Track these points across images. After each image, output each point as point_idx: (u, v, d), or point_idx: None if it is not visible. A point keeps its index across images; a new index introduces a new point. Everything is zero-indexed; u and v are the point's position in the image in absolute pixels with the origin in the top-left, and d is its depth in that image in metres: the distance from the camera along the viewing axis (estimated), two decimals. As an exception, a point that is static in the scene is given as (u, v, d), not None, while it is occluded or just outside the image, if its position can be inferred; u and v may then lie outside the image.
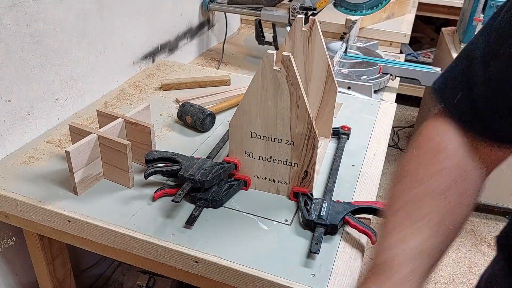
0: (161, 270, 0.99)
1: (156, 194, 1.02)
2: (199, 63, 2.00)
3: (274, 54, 0.90)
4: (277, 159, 1.02)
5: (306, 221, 0.95)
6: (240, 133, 1.02)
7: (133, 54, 1.62)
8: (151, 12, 1.65)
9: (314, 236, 0.92)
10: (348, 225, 0.95)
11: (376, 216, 1.01)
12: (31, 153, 1.17)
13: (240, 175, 1.07)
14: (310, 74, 1.20)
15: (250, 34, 2.37)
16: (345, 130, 1.29)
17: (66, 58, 1.30)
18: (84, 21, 1.34)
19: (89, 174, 1.05)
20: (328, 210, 0.96)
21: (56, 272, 1.27)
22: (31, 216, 1.02)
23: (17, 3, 1.11)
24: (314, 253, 0.88)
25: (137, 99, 1.46)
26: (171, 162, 1.06)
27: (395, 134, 3.15)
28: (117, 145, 1.02)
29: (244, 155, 1.05)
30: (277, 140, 1.00)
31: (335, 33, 2.24)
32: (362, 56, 1.93)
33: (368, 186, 1.11)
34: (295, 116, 0.95)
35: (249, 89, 0.96)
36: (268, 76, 0.92)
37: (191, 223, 0.95)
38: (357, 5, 2.01)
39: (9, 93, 1.14)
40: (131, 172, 1.05)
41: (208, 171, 1.01)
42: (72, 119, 1.33)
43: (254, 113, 0.98)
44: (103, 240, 0.97)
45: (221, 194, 1.01)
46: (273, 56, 0.90)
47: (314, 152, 0.98)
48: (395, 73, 1.80)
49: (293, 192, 1.04)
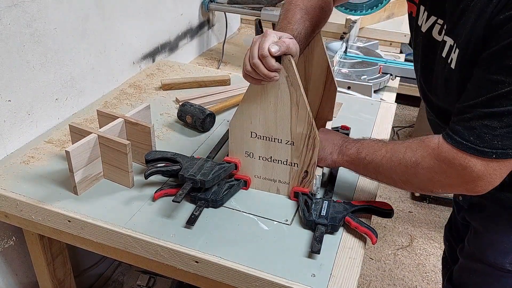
0: (161, 270, 0.99)
1: (156, 194, 1.02)
2: (199, 63, 2.00)
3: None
4: (277, 159, 1.02)
5: (307, 221, 0.95)
6: (240, 133, 1.02)
7: (133, 54, 1.61)
8: (151, 12, 1.65)
9: (315, 236, 0.92)
10: (348, 225, 0.95)
11: (377, 216, 1.01)
12: (31, 153, 1.17)
13: (240, 175, 1.07)
14: (310, 74, 1.20)
15: (250, 34, 2.37)
16: (345, 130, 1.29)
17: (66, 58, 1.30)
18: (84, 21, 1.34)
19: (89, 174, 1.05)
20: (328, 210, 0.96)
21: (56, 272, 1.27)
22: (31, 216, 1.02)
23: (17, 3, 1.11)
24: (315, 253, 0.88)
25: (137, 99, 1.46)
26: (171, 162, 1.06)
27: (395, 134, 3.15)
28: (117, 145, 1.01)
29: (244, 155, 1.05)
30: (277, 140, 1.00)
31: (335, 33, 2.24)
32: (362, 56, 1.93)
33: (368, 186, 1.11)
34: (295, 116, 0.95)
35: (249, 89, 0.96)
36: None
37: (192, 223, 0.95)
38: (357, 5, 2.01)
39: (9, 93, 1.14)
40: (131, 172, 1.05)
41: (208, 171, 1.01)
42: (72, 119, 1.33)
43: (254, 113, 0.98)
44: (103, 240, 0.97)
45: (221, 194, 1.01)
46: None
47: (314, 152, 0.98)
48: (395, 73, 1.80)
49: (293, 192, 1.04)
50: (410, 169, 0.86)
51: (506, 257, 0.96)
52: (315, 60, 1.17)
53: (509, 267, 0.96)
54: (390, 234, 2.33)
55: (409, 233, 2.34)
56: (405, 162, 0.87)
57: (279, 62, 0.88)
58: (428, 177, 0.85)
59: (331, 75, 1.18)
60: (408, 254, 2.21)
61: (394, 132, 3.17)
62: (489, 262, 0.98)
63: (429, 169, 0.84)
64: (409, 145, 0.88)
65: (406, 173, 0.88)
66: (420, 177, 0.86)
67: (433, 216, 2.47)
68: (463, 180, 0.80)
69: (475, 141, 0.76)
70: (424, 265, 2.15)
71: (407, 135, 3.16)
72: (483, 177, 0.78)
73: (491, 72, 0.73)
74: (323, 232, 0.93)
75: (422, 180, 0.86)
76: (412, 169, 0.86)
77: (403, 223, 2.41)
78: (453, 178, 0.82)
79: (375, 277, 2.08)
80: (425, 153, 0.84)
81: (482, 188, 0.80)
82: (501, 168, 0.77)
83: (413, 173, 0.87)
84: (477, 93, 0.76)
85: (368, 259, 2.17)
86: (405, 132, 3.19)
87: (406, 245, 2.27)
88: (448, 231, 1.26)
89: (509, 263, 0.96)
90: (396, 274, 2.10)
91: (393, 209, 0.99)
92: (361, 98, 1.60)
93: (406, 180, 0.89)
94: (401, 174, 0.89)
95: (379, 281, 2.06)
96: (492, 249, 0.98)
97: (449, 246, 1.27)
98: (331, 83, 1.19)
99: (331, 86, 1.19)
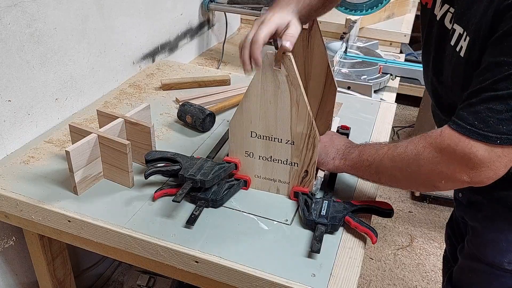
0: (161, 270, 0.99)
1: (156, 194, 1.02)
2: (199, 63, 2.00)
3: (274, 54, 0.90)
4: (278, 158, 1.02)
5: (307, 221, 0.95)
6: (240, 133, 1.02)
7: (133, 54, 1.62)
8: (151, 12, 1.65)
9: (315, 235, 0.92)
10: (349, 224, 0.95)
11: (377, 216, 1.01)
12: (31, 153, 1.17)
13: (240, 175, 1.07)
14: (309, 74, 1.20)
15: (250, 34, 2.36)
16: (344, 130, 1.29)
17: (66, 58, 1.30)
18: (84, 21, 1.34)
19: (89, 174, 1.05)
20: (328, 210, 0.96)
21: (56, 272, 1.27)
22: (31, 216, 1.02)
23: (17, 3, 1.11)
24: (315, 252, 0.88)
25: (137, 99, 1.46)
26: (171, 162, 1.06)
27: (395, 134, 3.15)
28: (117, 145, 1.02)
29: (245, 155, 1.05)
30: (277, 139, 1.00)
31: (335, 33, 2.24)
32: (362, 56, 1.93)
33: (368, 186, 1.11)
34: (295, 115, 0.95)
35: (249, 88, 0.96)
36: (268, 76, 0.92)
37: (192, 223, 0.95)
38: (357, 5, 2.01)
39: (9, 93, 1.14)
40: (131, 172, 1.05)
41: (208, 171, 1.01)
42: (72, 119, 1.33)
43: (254, 112, 0.98)
44: (103, 240, 0.97)
45: (221, 194, 1.01)
46: (273, 56, 0.90)
47: (315, 151, 0.98)
48: (395, 73, 1.80)
49: (293, 192, 1.04)
50: (412, 162, 0.84)
51: (505, 257, 0.96)
52: (315, 60, 1.17)
53: (508, 267, 0.96)
54: (390, 234, 2.34)
55: (409, 233, 2.34)
56: (407, 155, 0.85)
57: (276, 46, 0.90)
58: (430, 168, 0.82)
59: (331, 75, 1.18)
60: (408, 254, 2.21)
61: (394, 132, 3.17)
62: (488, 262, 0.98)
63: (431, 159, 0.82)
64: (411, 140, 0.87)
65: (408, 167, 0.86)
66: (422, 170, 0.84)
67: (433, 216, 2.47)
68: (466, 167, 0.78)
69: (479, 125, 0.74)
70: (424, 265, 2.15)
71: (407, 135, 3.16)
72: (486, 164, 0.76)
73: (495, 55, 0.72)
74: (323, 231, 0.93)
75: (424, 173, 0.84)
76: (413, 162, 0.84)
77: (403, 223, 2.41)
78: (456, 166, 0.79)
79: (375, 277, 2.08)
80: (426, 143, 0.82)
81: (486, 177, 0.78)
82: (505, 155, 0.75)
83: (415, 166, 0.84)
84: (482, 78, 0.74)
85: (368, 259, 2.17)
86: (405, 132, 3.19)
87: (406, 245, 2.27)
88: (450, 230, 1.26)
89: (508, 262, 0.96)
90: (396, 274, 2.10)
91: (393, 209, 0.99)
92: (361, 98, 1.60)
93: (408, 176, 0.87)
94: (403, 169, 0.87)
95: (379, 281, 2.06)
96: (490, 248, 0.98)
97: (450, 245, 1.27)
98: (331, 83, 1.19)
99: (331, 86, 1.19)
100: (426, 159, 0.82)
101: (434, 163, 0.81)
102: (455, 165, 0.79)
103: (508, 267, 0.96)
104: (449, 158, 0.79)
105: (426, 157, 0.82)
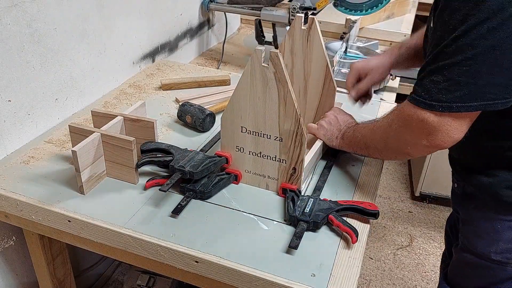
0: (161, 269, 0.99)
1: (147, 183, 1.04)
2: (199, 63, 2.00)
3: (263, 50, 0.91)
4: (267, 154, 1.03)
5: (290, 217, 0.96)
6: (231, 128, 1.03)
7: (133, 54, 1.62)
8: (151, 12, 1.65)
9: (296, 232, 0.92)
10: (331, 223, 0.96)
11: (363, 216, 1.00)
12: (31, 153, 1.17)
13: (231, 169, 1.08)
14: (309, 73, 1.20)
15: (250, 34, 2.37)
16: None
17: (66, 58, 1.30)
18: (84, 21, 1.34)
19: (94, 173, 1.05)
20: (312, 207, 0.97)
21: (56, 272, 1.27)
22: (31, 216, 1.02)
23: (17, 3, 1.11)
24: (293, 248, 0.88)
25: (137, 99, 1.46)
26: (165, 153, 1.08)
27: (395, 134, 3.15)
28: (122, 142, 1.02)
29: (235, 150, 1.05)
30: (266, 135, 1.00)
31: (335, 33, 2.24)
32: (362, 56, 1.93)
33: (367, 186, 1.11)
34: (283, 112, 0.96)
35: (239, 84, 0.96)
36: (257, 73, 0.93)
37: (177, 212, 0.97)
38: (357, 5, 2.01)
39: (9, 93, 1.15)
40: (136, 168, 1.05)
41: (199, 163, 1.02)
42: (72, 119, 1.33)
43: (244, 108, 0.99)
44: (103, 240, 0.98)
45: (210, 187, 1.02)
46: (261, 52, 0.91)
47: (302, 149, 0.98)
48: (395, 73, 1.80)
49: (282, 188, 1.04)
50: (385, 133, 0.96)
51: (492, 247, 0.98)
52: (314, 59, 1.17)
53: (494, 257, 0.98)
54: (390, 234, 2.34)
55: (409, 233, 2.35)
56: (381, 127, 0.98)
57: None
58: (398, 137, 0.93)
59: (329, 75, 1.18)
60: (407, 254, 2.22)
61: (394, 132, 3.16)
62: (476, 253, 1.01)
63: (397, 128, 0.92)
64: (387, 114, 0.98)
65: (383, 137, 0.97)
66: (393, 139, 0.95)
67: (433, 216, 2.47)
68: (423, 133, 0.86)
69: (425, 96, 0.83)
70: (424, 265, 2.16)
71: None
72: (439, 129, 0.84)
73: (435, 30, 0.82)
74: (304, 228, 0.93)
75: (395, 141, 0.95)
76: (386, 133, 0.96)
77: (403, 223, 2.41)
78: (416, 133, 0.88)
79: (375, 276, 2.09)
80: (394, 116, 0.94)
81: (442, 140, 0.85)
82: (455, 121, 0.83)
83: (387, 137, 0.96)
84: (428, 53, 0.84)
85: (368, 259, 2.17)
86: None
87: (406, 245, 2.28)
88: (448, 227, 1.28)
89: (494, 252, 0.97)
90: (396, 274, 2.10)
91: (379, 211, 0.99)
92: (361, 98, 1.60)
93: (385, 146, 0.98)
94: (380, 140, 0.98)
95: (379, 281, 2.07)
96: (479, 238, 1.00)
97: (448, 242, 1.28)
98: (329, 83, 1.19)
99: (329, 85, 1.20)
100: (394, 129, 0.93)
101: (400, 132, 0.92)
102: (415, 132, 0.88)
103: (494, 257, 0.98)
104: (410, 126, 0.88)
105: (394, 127, 0.93)
